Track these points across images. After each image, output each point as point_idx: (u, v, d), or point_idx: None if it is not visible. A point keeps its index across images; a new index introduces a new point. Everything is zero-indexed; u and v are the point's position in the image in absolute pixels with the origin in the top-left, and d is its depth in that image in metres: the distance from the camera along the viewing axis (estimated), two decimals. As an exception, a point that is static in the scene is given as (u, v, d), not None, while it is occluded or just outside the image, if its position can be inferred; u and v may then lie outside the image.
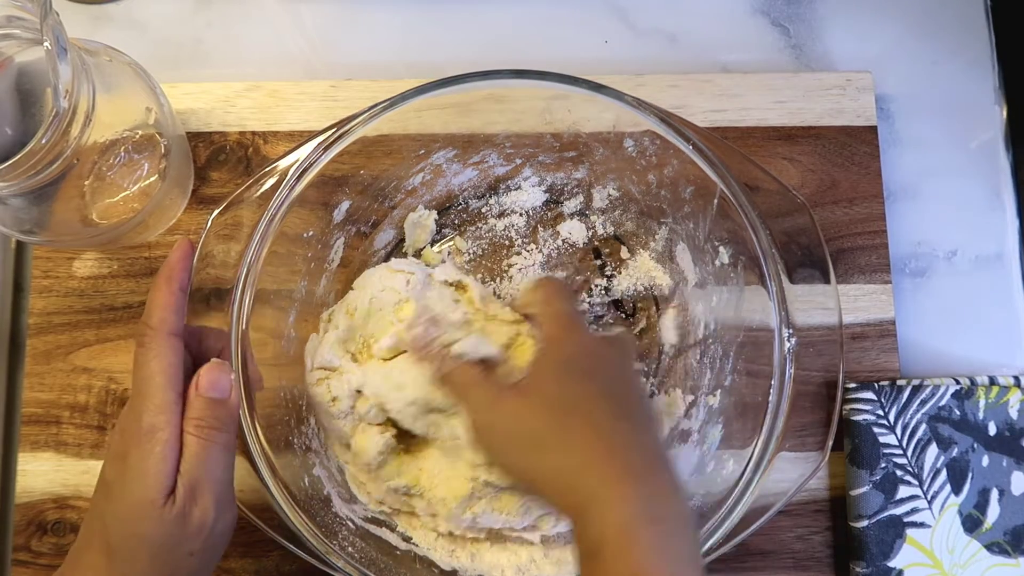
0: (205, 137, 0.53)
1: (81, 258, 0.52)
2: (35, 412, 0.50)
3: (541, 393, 0.39)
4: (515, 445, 0.39)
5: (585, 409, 0.38)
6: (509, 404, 0.39)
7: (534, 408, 0.38)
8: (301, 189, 0.44)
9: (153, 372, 0.37)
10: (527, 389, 0.39)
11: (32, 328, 0.51)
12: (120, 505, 0.36)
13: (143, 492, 0.36)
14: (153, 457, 0.36)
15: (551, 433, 0.38)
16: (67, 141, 0.41)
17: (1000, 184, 0.55)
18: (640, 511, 0.34)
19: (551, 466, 0.37)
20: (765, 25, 0.57)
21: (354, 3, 0.57)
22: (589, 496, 0.35)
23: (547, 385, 0.39)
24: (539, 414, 0.38)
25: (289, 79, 0.56)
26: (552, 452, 0.37)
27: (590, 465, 0.36)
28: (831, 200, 0.53)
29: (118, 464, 0.37)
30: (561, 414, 0.38)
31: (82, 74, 0.41)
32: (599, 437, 0.37)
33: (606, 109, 0.45)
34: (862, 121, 0.54)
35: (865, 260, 0.52)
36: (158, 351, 0.38)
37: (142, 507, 0.35)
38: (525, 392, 0.39)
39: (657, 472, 0.37)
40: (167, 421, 0.37)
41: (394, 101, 0.44)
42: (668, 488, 0.36)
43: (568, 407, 0.38)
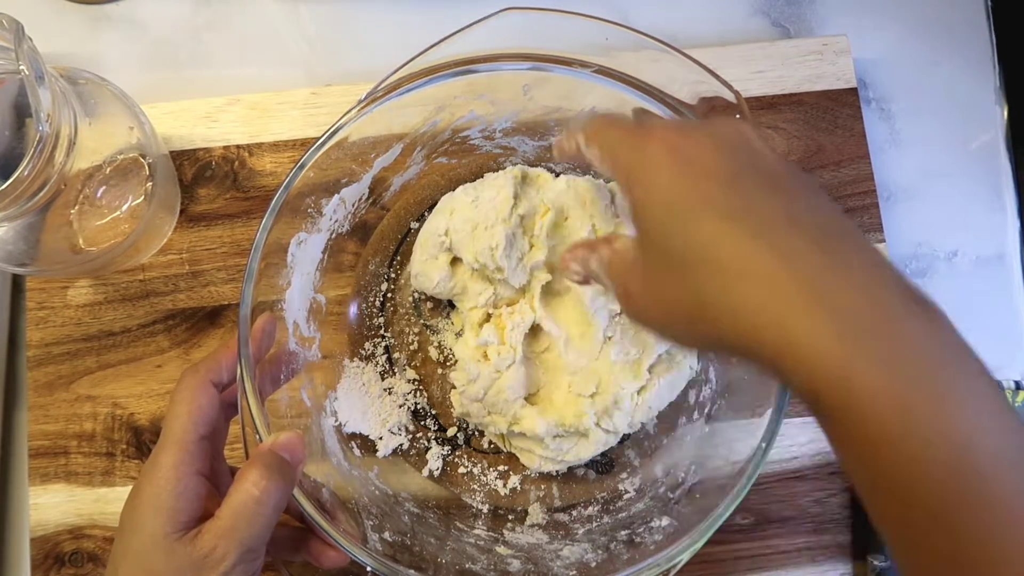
0: (189, 155, 0.53)
1: (75, 286, 0.52)
2: (42, 444, 0.50)
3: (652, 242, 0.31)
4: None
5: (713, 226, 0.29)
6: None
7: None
8: (287, 198, 0.43)
9: (180, 412, 0.37)
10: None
11: (31, 360, 0.51)
12: (131, 540, 0.35)
13: (154, 526, 0.34)
14: (166, 493, 0.35)
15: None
16: (52, 167, 0.40)
17: (1001, 184, 0.55)
18: (828, 326, 0.27)
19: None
20: (765, 25, 0.57)
21: (353, 3, 0.57)
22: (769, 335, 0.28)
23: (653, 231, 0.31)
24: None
25: (289, 80, 0.55)
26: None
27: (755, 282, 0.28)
28: (818, 164, 0.53)
29: (131, 502, 0.36)
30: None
31: (62, 99, 0.40)
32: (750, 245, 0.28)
33: (589, 90, 0.44)
34: (842, 84, 0.54)
35: (857, 221, 0.53)
36: (191, 393, 0.37)
37: (153, 540, 0.34)
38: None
39: (833, 249, 0.28)
40: (183, 460, 0.36)
41: (364, 104, 0.43)
42: (856, 267, 0.28)
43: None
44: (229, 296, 0.52)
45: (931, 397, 0.26)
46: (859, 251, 0.29)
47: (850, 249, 0.29)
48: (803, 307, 0.27)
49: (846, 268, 0.28)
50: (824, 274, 0.28)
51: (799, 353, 0.27)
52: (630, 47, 0.44)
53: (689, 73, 0.43)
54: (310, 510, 0.38)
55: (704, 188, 0.30)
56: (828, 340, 0.27)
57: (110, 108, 0.46)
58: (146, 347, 0.51)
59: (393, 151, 0.48)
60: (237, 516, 0.35)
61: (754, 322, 0.28)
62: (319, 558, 0.40)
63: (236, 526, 0.34)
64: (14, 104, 0.44)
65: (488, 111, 0.48)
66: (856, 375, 0.26)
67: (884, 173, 0.54)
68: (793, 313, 0.27)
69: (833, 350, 0.27)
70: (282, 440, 0.37)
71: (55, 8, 0.56)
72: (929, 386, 0.26)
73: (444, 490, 0.49)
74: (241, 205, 0.52)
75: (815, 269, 0.28)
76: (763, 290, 0.28)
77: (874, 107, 0.55)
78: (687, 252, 0.30)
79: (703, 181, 0.30)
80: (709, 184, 0.30)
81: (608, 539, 0.45)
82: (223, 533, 0.34)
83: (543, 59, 0.44)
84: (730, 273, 0.29)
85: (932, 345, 0.27)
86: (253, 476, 0.35)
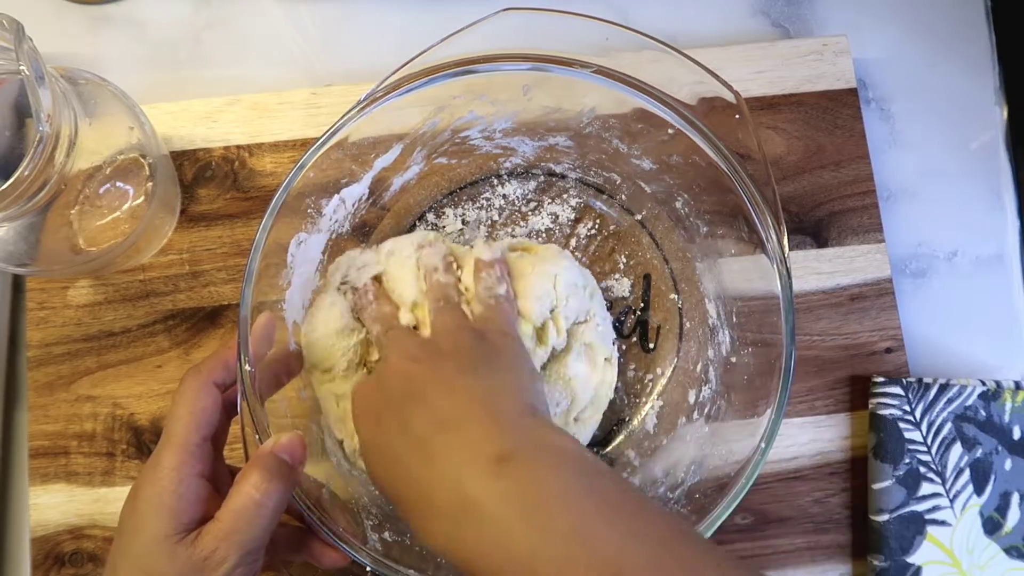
0: (190, 155, 0.53)
1: (75, 287, 0.52)
2: (42, 444, 0.50)
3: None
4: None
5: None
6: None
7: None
8: (287, 198, 0.43)
9: (182, 413, 0.37)
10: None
11: (32, 360, 0.51)
12: (130, 541, 0.35)
13: (155, 528, 0.35)
14: (167, 494, 0.35)
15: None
16: (52, 167, 0.40)
17: (1000, 184, 0.55)
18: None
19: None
20: (765, 26, 0.57)
21: (353, 4, 0.57)
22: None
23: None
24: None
25: (289, 80, 0.55)
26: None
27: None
28: (818, 165, 0.53)
29: (131, 503, 0.36)
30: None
31: (62, 100, 0.40)
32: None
33: (589, 90, 0.44)
34: (842, 84, 0.54)
35: (857, 221, 0.53)
36: (194, 394, 0.37)
37: (154, 542, 0.34)
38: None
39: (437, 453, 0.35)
40: (184, 461, 0.36)
41: (364, 104, 0.43)
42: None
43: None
44: (229, 296, 0.52)
45: (510, 554, 0.32)
46: (465, 427, 0.35)
47: (449, 438, 0.35)
48: (422, 512, 0.35)
49: (442, 459, 0.35)
50: (429, 482, 0.35)
51: (436, 551, 0.35)
52: (630, 47, 0.44)
53: (689, 73, 0.43)
54: (310, 511, 0.38)
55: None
56: (440, 540, 0.34)
57: (110, 108, 0.46)
58: (146, 347, 0.51)
59: (393, 151, 0.48)
60: (237, 519, 0.35)
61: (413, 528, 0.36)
62: (319, 558, 0.40)
63: (236, 528, 0.35)
64: (14, 104, 0.44)
65: (488, 111, 0.48)
66: (464, 560, 0.33)
67: (884, 173, 0.54)
68: (424, 520, 0.35)
69: (446, 547, 0.34)
70: (283, 442, 0.37)
71: (55, 8, 0.56)
72: (507, 548, 0.31)
73: None
74: (241, 205, 0.52)
75: (424, 477, 0.35)
76: (402, 506, 0.36)
77: (874, 107, 0.55)
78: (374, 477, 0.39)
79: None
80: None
81: None
82: (223, 535, 0.34)
83: (542, 59, 0.44)
84: (387, 491, 0.38)
85: (508, 505, 0.32)
86: (253, 479, 0.35)
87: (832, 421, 0.50)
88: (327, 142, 0.43)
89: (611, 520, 0.31)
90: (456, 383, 0.37)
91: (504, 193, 0.52)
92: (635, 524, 0.31)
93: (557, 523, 0.31)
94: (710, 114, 0.44)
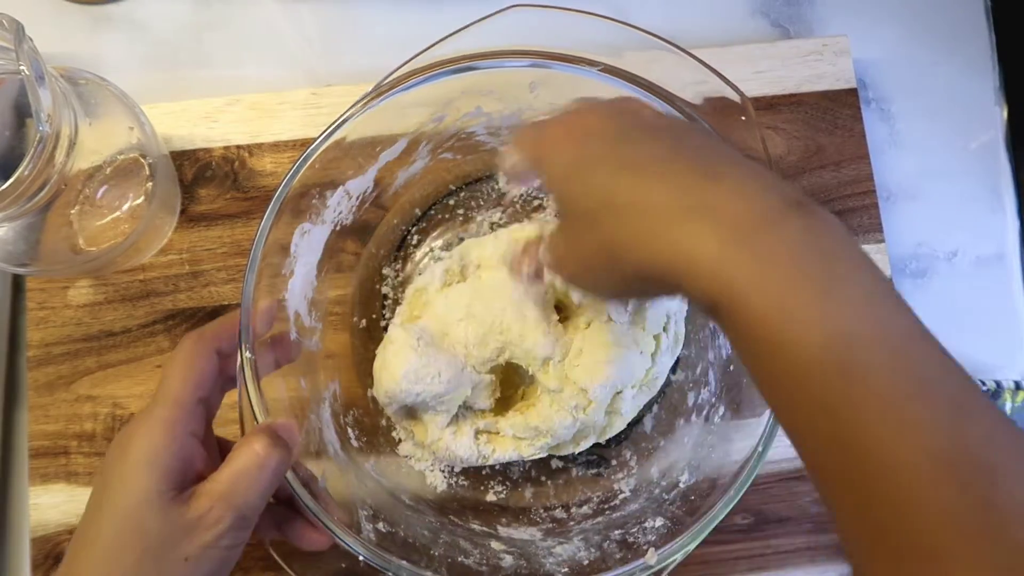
0: (190, 155, 0.53)
1: (75, 286, 0.52)
2: (42, 444, 0.50)
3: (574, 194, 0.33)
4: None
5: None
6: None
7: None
8: (292, 188, 0.43)
9: (178, 372, 0.36)
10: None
11: (32, 360, 0.51)
12: (117, 495, 0.34)
13: (146, 482, 0.33)
14: (162, 448, 0.34)
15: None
16: (52, 167, 0.40)
17: (1000, 184, 0.55)
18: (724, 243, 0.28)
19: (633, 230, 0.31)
20: (765, 26, 0.57)
21: (354, 4, 0.57)
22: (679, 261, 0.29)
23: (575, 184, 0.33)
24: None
25: (289, 80, 0.55)
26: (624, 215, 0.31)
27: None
28: (818, 165, 0.53)
29: (119, 453, 0.34)
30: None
31: (62, 100, 0.40)
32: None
33: (596, 88, 0.44)
34: (842, 84, 0.54)
35: (857, 221, 0.53)
36: (193, 355, 0.37)
37: (147, 497, 0.33)
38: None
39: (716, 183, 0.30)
40: (180, 418, 0.35)
41: (367, 101, 0.43)
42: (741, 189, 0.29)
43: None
44: (229, 296, 0.52)
45: (805, 290, 0.27)
46: (737, 164, 0.31)
47: (728, 164, 0.31)
48: (688, 223, 0.29)
49: (726, 181, 0.30)
50: (705, 192, 0.30)
51: (691, 268, 0.29)
52: (636, 46, 0.44)
53: (693, 73, 0.43)
54: (301, 491, 0.38)
55: (595, 149, 0.33)
56: (711, 249, 0.28)
57: (110, 108, 0.46)
58: (146, 347, 0.51)
59: (398, 145, 0.48)
60: (237, 481, 0.34)
61: (651, 249, 0.30)
62: (301, 539, 0.39)
63: (235, 491, 0.34)
64: (14, 104, 0.44)
65: (494, 108, 0.48)
66: (737, 278, 0.28)
67: (884, 173, 0.54)
68: (681, 232, 0.29)
69: (715, 257, 0.28)
70: (281, 422, 0.37)
71: (55, 9, 0.56)
72: (804, 280, 0.27)
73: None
74: (241, 205, 0.52)
75: (696, 189, 0.30)
76: (652, 219, 0.30)
77: (874, 107, 0.55)
78: (590, 206, 0.33)
79: (593, 144, 0.33)
80: (599, 145, 0.33)
81: (602, 538, 0.45)
82: (220, 496, 0.34)
83: (549, 57, 0.44)
84: (625, 212, 0.31)
85: (810, 242, 0.28)
86: (258, 443, 0.35)
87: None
88: (332, 135, 0.43)
89: (898, 301, 0.28)
90: (704, 138, 0.35)
91: (505, 191, 0.52)
92: (913, 317, 0.28)
93: (855, 275, 0.28)
94: (715, 114, 0.44)
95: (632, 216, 0.31)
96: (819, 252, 0.28)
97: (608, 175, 0.32)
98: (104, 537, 0.33)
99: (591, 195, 0.32)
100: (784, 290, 0.27)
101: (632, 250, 0.31)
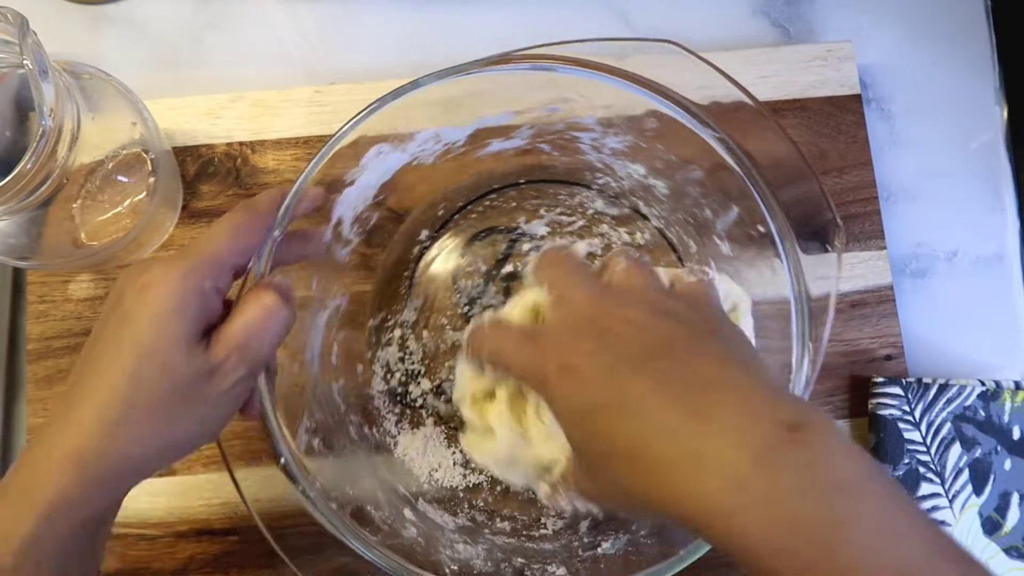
0: (192, 151, 0.53)
1: (76, 280, 0.52)
2: (41, 438, 0.50)
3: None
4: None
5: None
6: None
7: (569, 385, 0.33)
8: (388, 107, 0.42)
9: (223, 231, 0.36)
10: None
11: (31, 354, 0.51)
12: (146, 335, 0.33)
13: (177, 327, 0.33)
14: (193, 294, 0.34)
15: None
16: (54, 161, 0.40)
17: (1000, 184, 0.55)
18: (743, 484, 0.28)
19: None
20: (765, 26, 0.57)
21: (354, 4, 0.57)
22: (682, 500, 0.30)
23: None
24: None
25: (290, 79, 0.55)
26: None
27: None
28: (821, 171, 0.53)
29: (141, 289, 0.34)
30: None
31: (65, 94, 0.40)
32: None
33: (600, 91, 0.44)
34: (846, 90, 0.54)
35: (859, 228, 0.53)
36: (242, 223, 0.37)
37: (176, 339, 0.33)
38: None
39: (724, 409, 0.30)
40: (214, 271, 0.35)
41: (384, 99, 0.42)
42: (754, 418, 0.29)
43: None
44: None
45: (811, 545, 0.27)
46: (727, 387, 0.31)
47: (718, 389, 0.31)
48: (684, 473, 0.30)
49: (714, 420, 0.30)
50: (694, 438, 0.30)
51: (699, 519, 0.29)
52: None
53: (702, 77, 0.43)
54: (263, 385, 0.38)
55: (590, 389, 0.33)
56: (712, 501, 0.29)
57: (113, 103, 0.46)
58: (146, 342, 0.51)
59: (503, 116, 0.47)
60: (249, 332, 0.35)
61: (659, 500, 0.31)
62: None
63: (248, 344, 0.35)
64: (17, 98, 0.44)
65: (609, 125, 0.48)
66: (742, 530, 0.28)
67: (884, 173, 0.54)
68: (680, 484, 0.30)
69: (717, 509, 0.29)
70: (279, 279, 0.37)
71: (55, 9, 0.56)
72: (809, 527, 0.27)
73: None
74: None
75: (684, 433, 0.30)
76: (652, 471, 0.31)
77: (874, 107, 0.55)
78: (599, 449, 0.33)
79: (588, 380, 0.33)
80: (593, 381, 0.33)
81: (504, 558, 0.44)
82: (235, 347, 0.34)
83: (670, 99, 0.43)
84: (626, 461, 0.32)
85: (810, 479, 0.28)
86: (267, 297, 0.35)
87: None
88: (466, 74, 0.42)
89: (911, 520, 0.28)
90: (700, 345, 0.33)
91: (581, 202, 0.53)
92: (929, 532, 0.28)
93: (859, 508, 0.27)
94: (720, 116, 0.43)
95: (633, 466, 0.31)
96: (822, 491, 0.28)
97: (606, 422, 0.32)
98: (127, 369, 0.33)
99: (594, 441, 0.33)
100: (787, 544, 0.27)
101: (642, 499, 0.32)
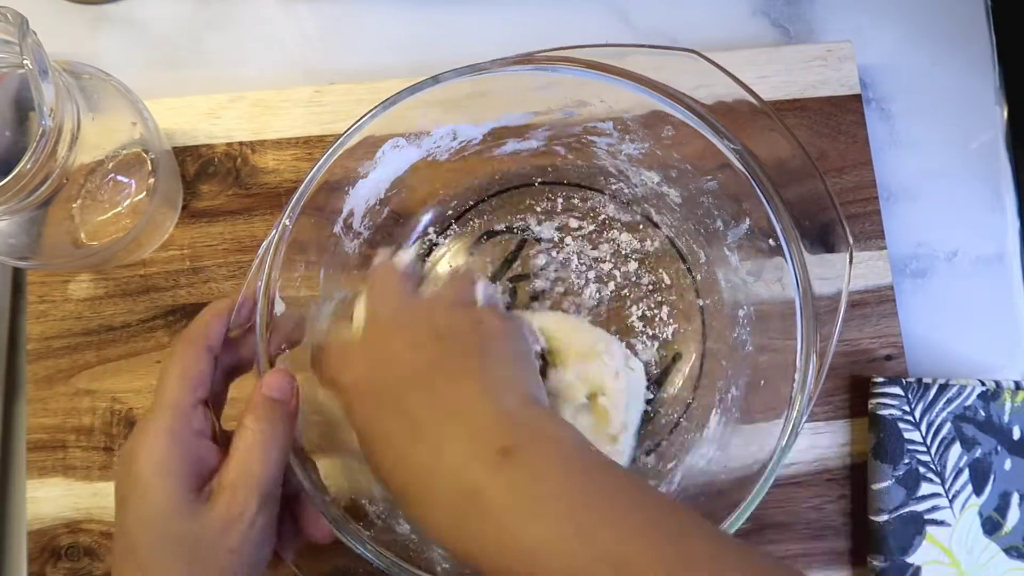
0: (192, 151, 0.53)
1: (76, 280, 0.52)
2: (40, 438, 0.50)
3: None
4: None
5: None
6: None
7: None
8: (307, 200, 0.42)
9: (173, 376, 0.36)
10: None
11: (31, 354, 0.51)
12: (143, 509, 0.34)
13: (167, 491, 0.33)
14: (167, 456, 0.34)
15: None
16: (54, 161, 0.40)
17: (1000, 184, 0.54)
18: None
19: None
20: (765, 26, 0.57)
21: (354, 4, 0.57)
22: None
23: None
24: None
25: (290, 79, 0.55)
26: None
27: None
28: (821, 171, 0.53)
29: (128, 470, 0.34)
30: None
31: (65, 94, 0.40)
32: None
33: (600, 91, 0.44)
34: (846, 90, 0.54)
35: (859, 228, 0.52)
36: (183, 359, 0.36)
37: (172, 505, 0.33)
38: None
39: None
40: (177, 422, 0.35)
41: (391, 101, 0.43)
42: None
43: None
44: (229, 292, 0.52)
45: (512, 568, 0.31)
46: (466, 419, 0.34)
47: (453, 431, 0.34)
48: (426, 507, 0.33)
49: (448, 451, 0.33)
50: (432, 476, 0.33)
51: (443, 546, 0.35)
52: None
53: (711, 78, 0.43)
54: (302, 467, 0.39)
55: (367, 407, 0.37)
56: (443, 533, 0.33)
57: (113, 103, 0.46)
58: (146, 342, 0.51)
59: (522, 116, 0.48)
60: (245, 463, 0.35)
61: (421, 526, 0.35)
62: (312, 528, 0.39)
63: (248, 474, 0.35)
64: (17, 98, 0.44)
65: (626, 131, 0.48)
66: (464, 557, 0.32)
67: (884, 173, 0.54)
68: (427, 514, 0.34)
69: (448, 541, 0.33)
70: (267, 380, 0.37)
71: (55, 9, 0.56)
72: (507, 552, 0.31)
73: None
74: (243, 202, 0.53)
75: (427, 470, 0.34)
76: (412, 505, 0.34)
77: (874, 107, 0.55)
78: (373, 468, 0.37)
79: (362, 396, 0.37)
80: (367, 400, 0.37)
81: None
82: (237, 484, 0.34)
83: (702, 117, 0.43)
84: (391, 486, 0.36)
85: (512, 505, 0.31)
86: (248, 421, 0.36)
87: (831, 427, 0.50)
88: (483, 73, 0.42)
89: (613, 514, 0.31)
90: (462, 367, 0.36)
91: (593, 207, 0.52)
92: (637, 517, 0.31)
93: (558, 518, 0.30)
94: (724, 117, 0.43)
95: (398, 490, 0.35)
96: (526, 511, 0.31)
97: (377, 446, 0.36)
98: (141, 552, 0.33)
99: (368, 458, 0.37)
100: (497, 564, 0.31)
101: (413, 519, 0.37)
